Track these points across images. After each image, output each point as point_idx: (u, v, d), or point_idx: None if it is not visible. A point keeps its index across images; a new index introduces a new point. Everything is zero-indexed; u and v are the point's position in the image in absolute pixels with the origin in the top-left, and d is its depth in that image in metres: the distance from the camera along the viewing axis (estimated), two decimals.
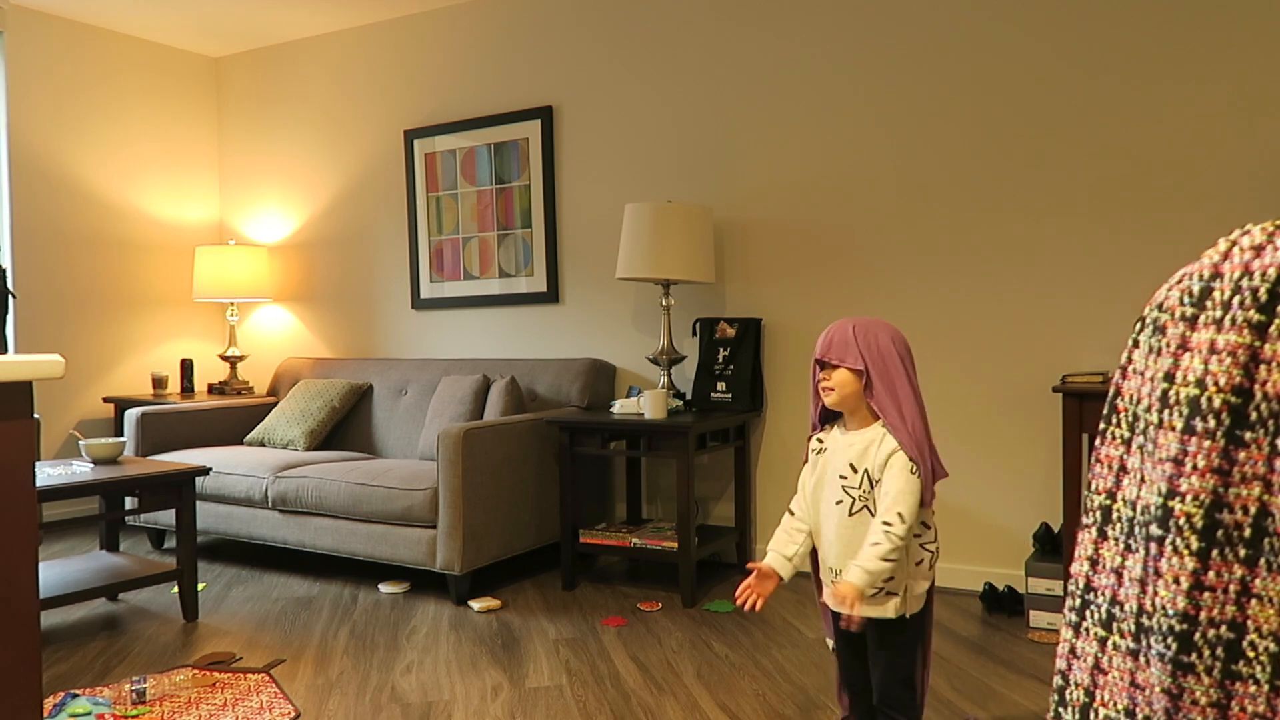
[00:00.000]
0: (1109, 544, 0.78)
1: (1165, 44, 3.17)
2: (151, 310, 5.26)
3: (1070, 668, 0.81)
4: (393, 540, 3.50)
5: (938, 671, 2.69)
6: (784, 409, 3.86)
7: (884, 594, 1.88)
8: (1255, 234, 0.70)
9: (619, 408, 3.71)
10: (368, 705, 2.51)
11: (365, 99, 4.96)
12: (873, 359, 1.87)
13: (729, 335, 3.84)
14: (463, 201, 4.64)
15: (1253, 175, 3.07)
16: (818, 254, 3.78)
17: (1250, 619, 0.66)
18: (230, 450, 4.19)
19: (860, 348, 1.87)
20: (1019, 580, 3.40)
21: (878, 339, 1.89)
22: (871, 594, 1.86)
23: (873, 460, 1.87)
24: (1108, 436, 0.80)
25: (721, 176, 3.97)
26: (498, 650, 2.93)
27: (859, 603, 1.78)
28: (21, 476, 1.48)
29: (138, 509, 3.27)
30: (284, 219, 5.29)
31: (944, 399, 3.55)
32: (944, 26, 3.52)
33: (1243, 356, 0.67)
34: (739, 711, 2.43)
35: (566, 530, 3.59)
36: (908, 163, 3.60)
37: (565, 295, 4.37)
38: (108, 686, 2.63)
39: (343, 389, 4.49)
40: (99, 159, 5.02)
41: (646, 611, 3.31)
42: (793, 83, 3.81)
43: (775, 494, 3.89)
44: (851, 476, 1.89)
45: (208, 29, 5.04)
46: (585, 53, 4.29)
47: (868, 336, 1.89)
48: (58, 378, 2.16)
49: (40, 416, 4.78)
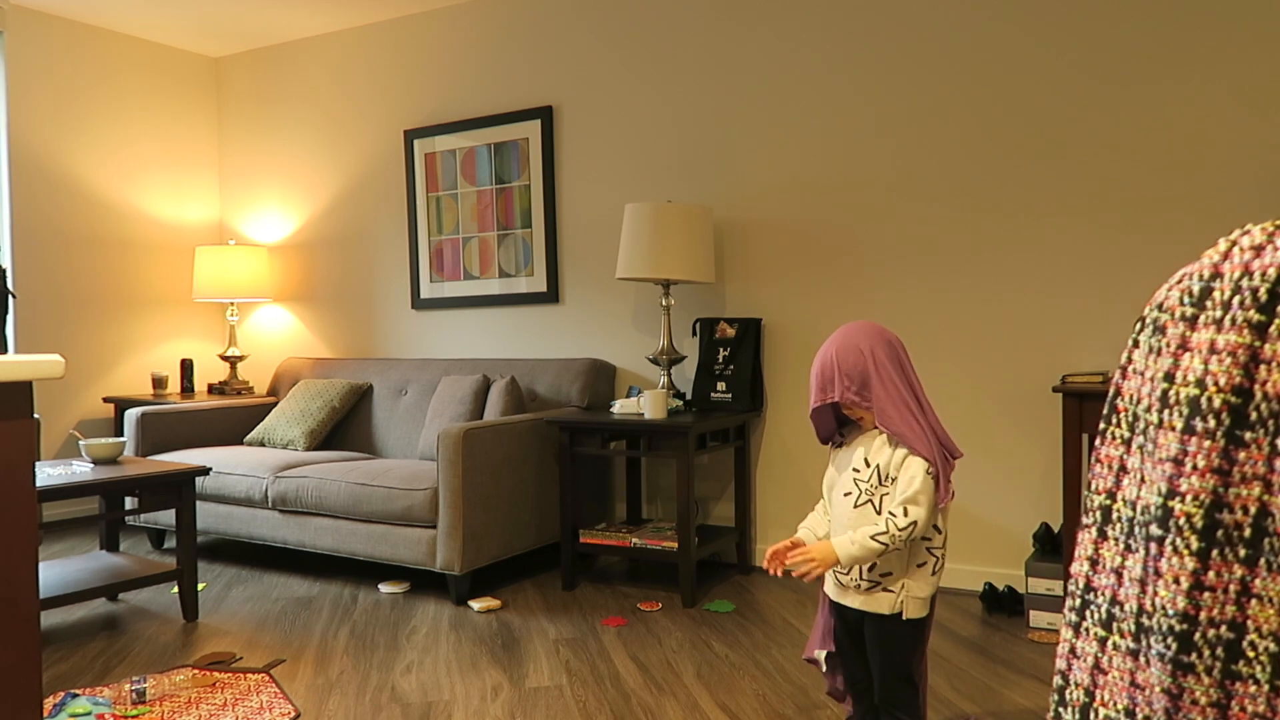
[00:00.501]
0: (1109, 544, 0.78)
1: (1165, 44, 3.17)
2: (151, 310, 5.26)
3: (1070, 668, 0.81)
4: (393, 540, 3.50)
5: (938, 671, 2.69)
6: (784, 409, 3.86)
7: (880, 589, 1.89)
8: (1255, 234, 0.70)
9: (619, 408, 3.71)
10: (368, 705, 2.51)
11: (365, 99, 4.96)
12: (855, 379, 1.88)
13: (729, 335, 3.84)
14: (463, 201, 4.64)
15: (1253, 175, 3.07)
16: (818, 254, 3.78)
17: (1250, 619, 0.66)
18: (230, 450, 4.19)
19: (843, 374, 1.89)
20: (1019, 580, 3.40)
21: (859, 352, 1.89)
22: (867, 587, 1.89)
23: (886, 458, 1.89)
24: (1108, 436, 0.80)
25: (721, 176, 3.98)
26: (498, 650, 2.93)
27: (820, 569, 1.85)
28: (21, 476, 1.48)
29: (138, 509, 3.27)
30: (284, 219, 5.29)
31: (944, 399, 3.55)
32: (943, 27, 3.52)
33: (1243, 356, 0.67)
34: (739, 711, 2.43)
35: (566, 530, 3.59)
36: (908, 163, 3.60)
37: (565, 295, 4.37)
38: (108, 686, 2.63)
39: (343, 389, 4.49)
40: (99, 159, 5.02)
41: (646, 611, 3.31)
42: (793, 83, 3.81)
43: (775, 494, 3.89)
44: (864, 470, 1.92)
45: (208, 29, 5.04)
46: (585, 53, 4.29)
47: (847, 355, 1.89)
48: (58, 378, 2.16)
49: (40, 416, 4.78)
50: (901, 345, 1.94)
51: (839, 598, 1.96)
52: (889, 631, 1.90)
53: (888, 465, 1.88)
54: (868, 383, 1.87)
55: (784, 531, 3.87)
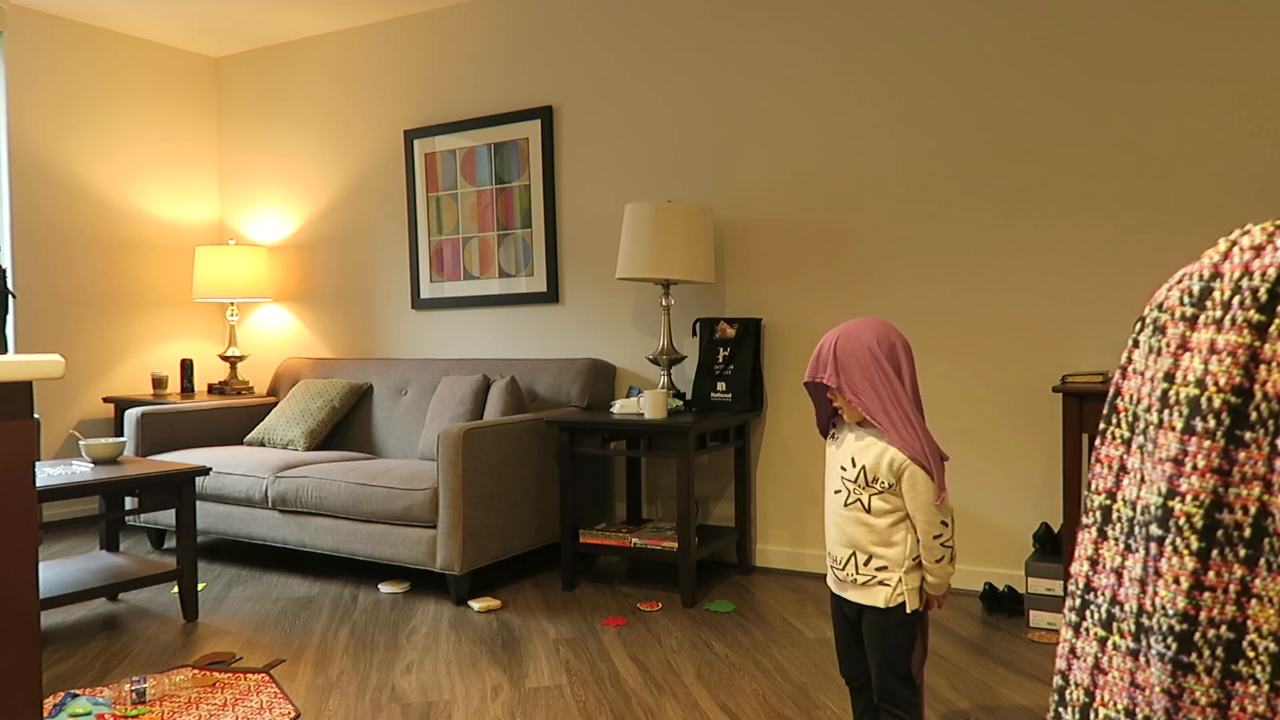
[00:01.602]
0: (1109, 544, 0.78)
1: (1165, 44, 3.17)
2: (151, 310, 5.26)
3: (1070, 668, 0.81)
4: (393, 540, 3.50)
5: (938, 671, 2.69)
6: (784, 409, 3.86)
7: (876, 583, 1.89)
8: (1255, 234, 0.70)
9: (619, 408, 3.71)
10: (368, 705, 2.51)
11: (365, 99, 4.96)
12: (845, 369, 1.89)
13: (729, 335, 3.84)
14: (463, 201, 4.64)
15: (1253, 175, 3.07)
16: (818, 254, 3.78)
17: (1250, 619, 0.66)
18: (230, 450, 4.19)
19: (838, 362, 1.90)
20: (1019, 580, 3.40)
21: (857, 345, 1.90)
22: (864, 580, 1.90)
23: (872, 458, 1.89)
24: (1108, 436, 0.80)
25: (721, 176, 3.98)
26: (498, 650, 2.93)
27: (942, 593, 1.95)
28: (21, 476, 1.48)
29: (138, 509, 3.27)
30: (284, 219, 5.29)
31: (944, 399, 3.55)
32: (943, 27, 3.52)
33: (1243, 356, 0.67)
34: (739, 711, 2.43)
35: (566, 530, 3.59)
36: (908, 163, 3.60)
37: (565, 295, 4.37)
38: (108, 686, 2.63)
39: (343, 389, 4.49)
40: (99, 159, 5.02)
41: (646, 611, 3.31)
42: (793, 83, 3.81)
43: (775, 494, 3.89)
44: (850, 469, 1.93)
45: (208, 29, 5.04)
46: (585, 53, 4.29)
47: (847, 345, 1.91)
48: (58, 378, 2.16)
49: (40, 416, 4.78)
50: (905, 347, 1.94)
51: (839, 591, 1.97)
52: (885, 625, 1.90)
53: (874, 467, 1.89)
54: (852, 372, 1.89)
55: (784, 531, 3.87)
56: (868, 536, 1.90)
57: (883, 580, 1.90)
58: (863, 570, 1.91)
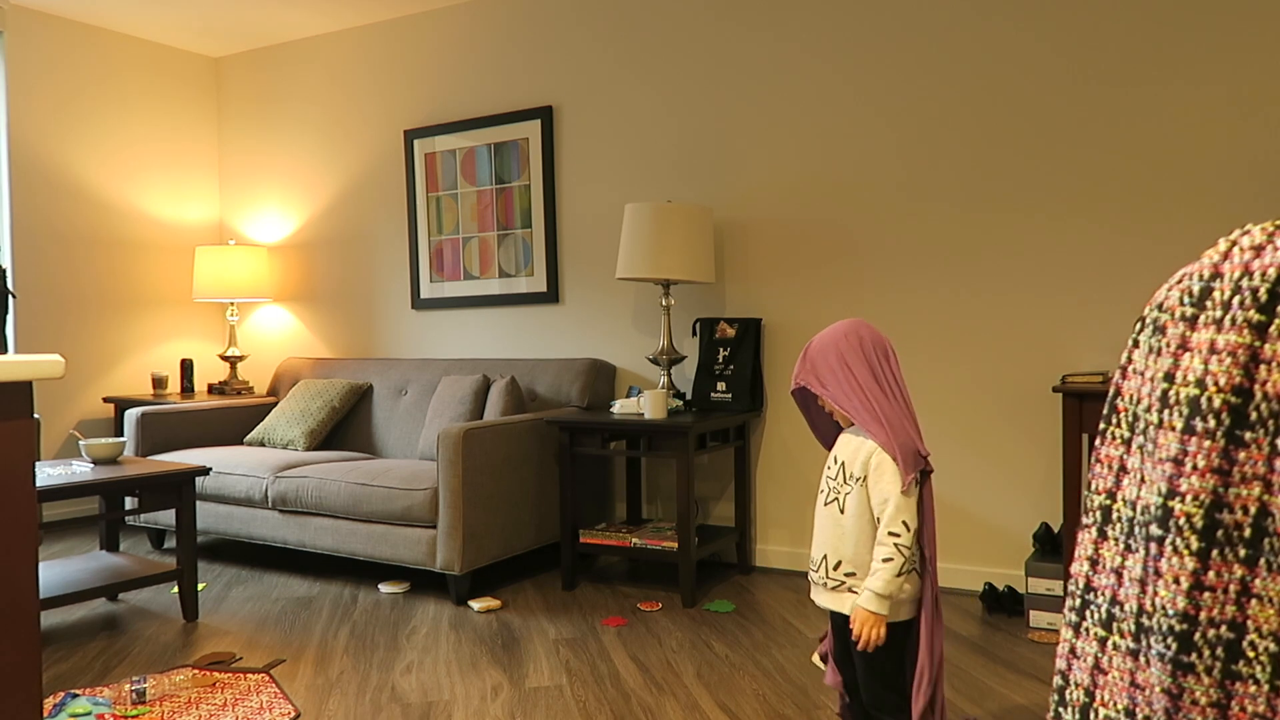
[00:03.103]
0: (1109, 544, 0.78)
1: (1165, 44, 3.17)
2: (151, 310, 5.26)
3: (1070, 668, 0.81)
4: (393, 540, 3.50)
5: None
6: (784, 409, 3.86)
7: (845, 589, 1.88)
8: (1255, 234, 0.70)
9: (619, 408, 3.71)
10: (368, 705, 2.51)
11: (365, 99, 4.96)
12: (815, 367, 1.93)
13: (729, 335, 3.84)
14: (463, 201, 4.64)
15: (1253, 175, 3.07)
16: (818, 254, 3.78)
17: (1250, 619, 0.66)
18: (230, 450, 4.19)
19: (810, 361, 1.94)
20: (1019, 580, 3.40)
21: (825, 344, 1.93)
22: (833, 585, 1.88)
23: (851, 454, 1.90)
24: (1108, 436, 0.80)
25: (721, 176, 3.98)
26: (498, 650, 2.93)
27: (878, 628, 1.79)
28: (21, 476, 1.48)
29: (138, 509, 3.27)
30: (284, 219, 5.29)
31: (944, 399, 3.55)
32: (943, 27, 3.52)
33: (1243, 356, 0.67)
34: (739, 711, 2.43)
35: (566, 530, 3.59)
36: (908, 163, 3.60)
37: (565, 295, 4.37)
38: (108, 686, 2.63)
39: (343, 389, 4.49)
40: (99, 159, 5.02)
41: (646, 611, 3.31)
42: (793, 83, 3.81)
43: (775, 494, 3.89)
44: (833, 467, 1.94)
45: (208, 29, 5.04)
46: (585, 53, 4.29)
47: (818, 345, 1.94)
48: (58, 378, 2.16)
49: (40, 416, 4.78)
50: (878, 344, 1.92)
51: (812, 594, 1.98)
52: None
53: (853, 462, 1.88)
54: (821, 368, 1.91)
55: (784, 531, 3.87)
56: (839, 539, 1.88)
57: (851, 587, 1.88)
58: (832, 575, 1.89)
